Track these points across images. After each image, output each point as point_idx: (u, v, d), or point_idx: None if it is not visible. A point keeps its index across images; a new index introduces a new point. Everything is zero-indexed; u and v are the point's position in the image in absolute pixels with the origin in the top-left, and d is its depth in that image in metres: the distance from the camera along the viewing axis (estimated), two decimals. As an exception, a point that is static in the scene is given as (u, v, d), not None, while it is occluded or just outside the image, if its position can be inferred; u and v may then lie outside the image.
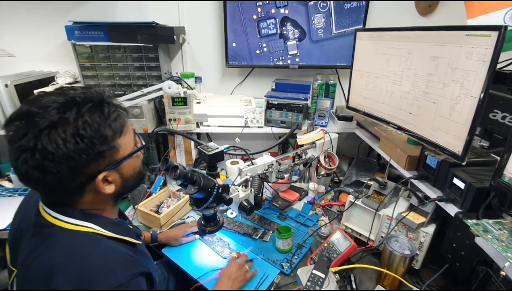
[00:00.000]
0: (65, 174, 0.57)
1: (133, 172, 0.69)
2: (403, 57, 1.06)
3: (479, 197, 0.86)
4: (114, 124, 0.61)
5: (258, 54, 1.67)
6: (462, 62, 0.83)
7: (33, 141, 0.53)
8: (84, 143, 0.56)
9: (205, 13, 1.65)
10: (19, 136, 0.54)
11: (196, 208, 0.96)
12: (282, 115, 1.61)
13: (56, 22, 1.53)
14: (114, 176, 0.64)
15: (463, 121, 0.85)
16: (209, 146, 0.99)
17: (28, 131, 0.54)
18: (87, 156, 0.57)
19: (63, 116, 0.55)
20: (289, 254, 1.15)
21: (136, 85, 1.52)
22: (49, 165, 0.54)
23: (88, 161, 0.58)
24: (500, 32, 0.73)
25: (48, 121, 0.54)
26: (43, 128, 0.54)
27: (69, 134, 0.55)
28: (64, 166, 0.56)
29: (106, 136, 0.60)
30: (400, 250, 0.99)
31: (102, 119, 0.59)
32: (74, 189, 0.61)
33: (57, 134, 0.54)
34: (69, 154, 0.55)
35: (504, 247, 0.70)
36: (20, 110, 0.57)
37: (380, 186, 1.17)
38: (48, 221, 0.62)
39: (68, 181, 0.58)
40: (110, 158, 0.62)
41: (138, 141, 0.72)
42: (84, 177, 0.60)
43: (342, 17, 1.61)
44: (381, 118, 1.25)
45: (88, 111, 0.58)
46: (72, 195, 0.62)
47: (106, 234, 0.64)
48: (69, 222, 0.61)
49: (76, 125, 0.56)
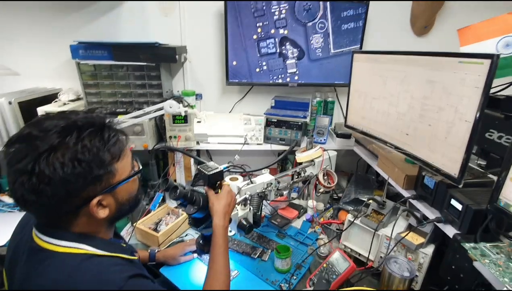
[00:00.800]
0: (61, 197, 0.57)
1: (128, 197, 0.69)
2: (399, 79, 1.09)
3: (477, 219, 0.87)
4: (113, 148, 0.62)
5: (258, 72, 1.71)
6: (456, 88, 0.86)
7: (31, 164, 0.54)
8: (81, 167, 0.56)
9: (207, 32, 1.70)
10: (18, 159, 0.54)
11: (195, 228, 0.97)
12: (281, 133, 1.63)
13: (60, 41, 1.57)
14: (109, 200, 0.64)
15: (459, 145, 0.86)
16: (209, 165, 1.00)
17: (28, 154, 0.54)
18: (84, 179, 0.58)
19: (63, 141, 0.56)
20: (288, 274, 1.14)
21: (138, 103, 1.55)
22: (45, 188, 0.55)
23: (84, 185, 0.58)
24: (493, 60, 0.75)
25: (48, 145, 0.55)
26: (42, 151, 0.54)
27: (68, 158, 0.55)
28: (60, 190, 0.56)
29: (104, 161, 0.60)
30: (400, 271, 0.99)
31: (102, 144, 0.60)
32: (68, 212, 0.61)
33: (55, 158, 0.54)
34: (66, 178, 0.55)
35: (501, 272, 0.71)
36: (21, 133, 0.58)
37: (379, 205, 1.18)
38: (41, 246, 0.61)
39: (62, 204, 0.58)
40: (106, 182, 0.62)
41: (136, 165, 0.72)
42: (79, 200, 0.60)
43: (339, 37, 1.66)
44: (378, 137, 1.27)
45: (89, 136, 0.59)
46: (66, 218, 0.62)
47: (100, 253, 0.63)
48: (60, 244, 0.61)
49: (76, 149, 0.56)
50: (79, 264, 0.59)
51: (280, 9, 1.58)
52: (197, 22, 1.67)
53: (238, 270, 1.16)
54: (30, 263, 0.62)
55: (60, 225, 0.63)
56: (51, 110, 1.45)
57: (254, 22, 1.60)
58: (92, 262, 0.61)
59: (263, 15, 1.59)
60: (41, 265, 0.60)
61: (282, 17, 1.60)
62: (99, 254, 0.63)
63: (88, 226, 0.65)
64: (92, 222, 0.65)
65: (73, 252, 0.61)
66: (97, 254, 0.63)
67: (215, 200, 0.92)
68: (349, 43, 1.67)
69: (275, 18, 1.60)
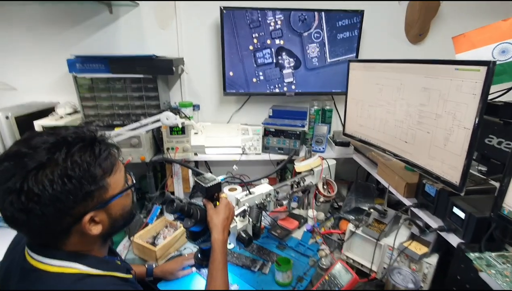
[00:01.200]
0: (51, 216, 0.55)
1: (122, 212, 0.67)
2: (395, 87, 1.09)
3: (481, 227, 0.85)
4: (104, 163, 0.60)
5: (255, 83, 1.72)
6: (453, 95, 0.85)
7: (19, 183, 0.52)
8: (71, 184, 0.55)
9: (204, 44, 1.71)
10: (7, 178, 0.53)
11: (193, 242, 0.95)
12: (280, 142, 1.62)
13: (58, 55, 1.58)
14: (101, 216, 0.62)
15: (458, 152, 0.85)
16: (207, 177, 0.98)
17: (16, 173, 0.53)
18: (74, 197, 0.56)
19: (52, 157, 0.54)
20: (289, 288, 1.11)
21: (135, 115, 1.54)
22: (34, 207, 0.53)
23: (75, 202, 0.57)
24: (489, 67, 0.75)
25: (36, 162, 0.53)
26: (31, 169, 0.53)
27: (57, 175, 0.53)
28: (50, 208, 0.54)
29: (96, 176, 0.59)
30: (404, 283, 0.96)
31: (92, 159, 0.58)
32: (60, 230, 0.59)
33: (44, 176, 0.53)
34: (55, 195, 0.54)
35: (509, 283, 0.68)
36: (10, 151, 0.56)
37: (380, 214, 1.16)
38: (33, 265, 0.60)
39: (53, 223, 0.57)
40: (98, 197, 0.60)
41: (129, 179, 0.70)
42: (71, 218, 0.58)
43: (335, 46, 1.67)
44: (377, 145, 1.26)
45: (79, 151, 0.57)
46: (57, 237, 0.60)
47: (93, 272, 0.61)
48: (53, 264, 0.59)
49: (65, 166, 0.55)
50: (71, 286, 0.57)
51: (276, 20, 1.60)
52: (194, 34, 1.69)
53: (237, 284, 1.13)
54: (23, 284, 0.60)
55: (52, 244, 0.61)
56: (48, 124, 1.44)
57: (250, 33, 1.61)
58: (85, 283, 0.59)
59: (259, 26, 1.60)
60: (33, 285, 0.58)
61: (277, 28, 1.62)
62: (92, 273, 0.61)
63: (81, 244, 0.63)
64: (85, 240, 0.63)
65: (65, 271, 0.59)
66: (91, 273, 0.61)
67: (213, 214, 0.90)
68: (345, 52, 1.68)
69: (270, 28, 1.62)
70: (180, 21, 1.65)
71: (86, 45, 1.64)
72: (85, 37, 1.63)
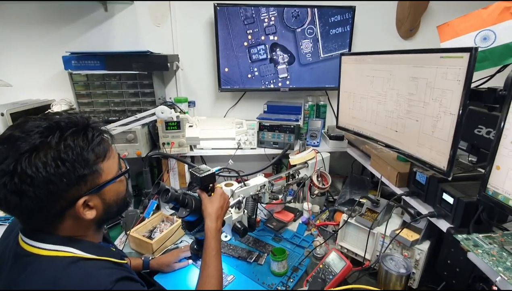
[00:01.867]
0: (44, 198, 0.56)
1: (116, 198, 0.68)
2: (385, 78, 1.11)
3: (469, 211, 0.87)
4: (97, 148, 0.61)
5: (250, 78, 1.74)
6: (439, 82, 0.88)
7: (13, 165, 0.53)
8: (65, 167, 0.56)
9: (198, 41, 1.73)
10: (0, 160, 0.53)
11: (189, 232, 0.96)
12: (275, 137, 1.64)
13: (53, 52, 1.59)
14: (95, 201, 0.63)
15: (445, 138, 0.88)
16: (201, 168, 1.00)
17: (9, 155, 0.53)
18: (67, 180, 0.57)
19: (45, 140, 0.55)
20: (285, 277, 1.13)
21: (131, 111, 1.56)
22: (27, 189, 0.54)
23: (68, 185, 0.57)
24: (471, 53, 0.78)
25: (30, 145, 0.54)
26: (24, 152, 0.53)
27: (50, 157, 0.54)
28: (43, 190, 0.55)
29: (88, 160, 0.59)
30: (396, 268, 0.98)
31: (85, 143, 0.59)
32: (53, 214, 0.59)
33: (37, 158, 0.54)
34: (49, 178, 0.54)
35: (495, 261, 0.70)
36: (3, 135, 0.57)
37: (373, 204, 1.18)
38: (26, 250, 0.60)
39: (47, 206, 0.57)
40: (91, 182, 0.61)
41: (123, 166, 0.71)
42: (64, 202, 0.59)
43: (328, 42, 1.70)
44: (369, 136, 1.28)
45: (72, 135, 0.58)
46: (51, 221, 0.61)
47: (87, 256, 0.61)
48: (46, 248, 0.59)
49: (58, 149, 0.55)
50: (65, 268, 0.58)
51: (269, 16, 1.62)
52: (189, 31, 1.71)
53: (234, 275, 1.14)
54: (15, 269, 0.60)
55: (46, 229, 0.62)
56: (43, 121, 1.45)
57: (244, 29, 1.64)
58: (78, 266, 0.59)
59: (253, 22, 1.63)
60: (26, 270, 0.58)
61: (271, 24, 1.64)
62: (86, 257, 0.61)
63: (75, 229, 0.64)
64: (79, 225, 0.64)
65: (59, 255, 0.59)
66: (85, 257, 0.61)
67: (208, 203, 0.91)
68: (338, 48, 1.71)
69: (264, 25, 1.64)
70: (174, 18, 1.67)
71: (82, 43, 1.65)
72: (80, 34, 1.65)
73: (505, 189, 0.71)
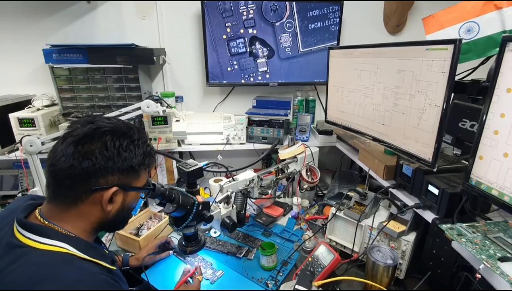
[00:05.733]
0: (97, 168, 0.63)
1: (130, 205, 0.74)
2: (372, 72, 1.12)
3: (453, 202, 0.89)
4: (149, 158, 0.74)
5: (229, 72, 1.72)
6: (424, 74, 0.89)
7: (96, 131, 0.65)
8: (127, 153, 0.67)
9: (185, 34, 1.70)
10: (82, 123, 0.66)
11: (176, 228, 0.94)
12: (264, 132, 1.63)
13: (33, 46, 1.53)
14: (119, 197, 0.69)
15: (431, 129, 0.89)
16: (188, 163, 0.98)
17: (92, 124, 0.67)
18: (121, 164, 0.66)
19: (130, 131, 0.70)
20: (274, 272, 1.13)
21: (116, 106, 1.52)
22: (94, 154, 0.63)
23: (118, 170, 0.66)
24: (456, 45, 0.78)
25: (112, 127, 0.67)
26: (106, 131, 0.66)
27: (122, 142, 0.66)
28: (101, 162, 0.63)
29: (140, 162, 0.70)
30: (383, 259, 0.99)
31: (147, 151, 0.73)
32: (87, 189, 0.65)
33: (115, 139, 0.66)
34: (112, 154, 0.65)
35: (478, 250, 0.72)
36: (86, 118, 0.69)
37: (361, 197, 1.19)
38: (22, 242, 0.61)
39: (92, 176, 0.64)
40: (129, 179, 0.70)
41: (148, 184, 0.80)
42: (104, 181, 0.65)
43: (307, 37, 1.70)
44: (357, 130, 1.29)
45: (143, 138, 0.73)
46: (79, 196, 0.65)
47: (80, 255, 0.63)
48: (43, 242, 0.61)
49: (132, 140, 0.69)
50: (59, 265, 0.59)
51: (248, 9, 1.60)
52: (175, 24, 1.68)
53: (223, 270, 1.13)
54: (8, 258, 0.60)
55: (68, 202, 0.65)
56: (24, 116, 1.40)
57: (223, 22, 1.61)
58: (73, 266, 0.60)
59: (231, 15, 1.61)
60: (20, 259, 0.59)
61: (250, 17, 1.62)
62: (80, 256, 0.63)
63: (83, 217, 0.67)
64: (90, 215, 0.68)
65: (54, 250, 0.61)
66: (78, 256, 0.63)
67: None
68: (317, 42, 1.72)
69: (243, 18, 1.62)
70: (160, 11, 1.64)
71: (63, 36, 1.60)
72: (61, 27, 1.59)
73: (488, 178, 0.73)
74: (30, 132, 1.39)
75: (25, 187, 1.54)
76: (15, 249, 0.60)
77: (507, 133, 0.67)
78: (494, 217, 0.90)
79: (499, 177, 0.70)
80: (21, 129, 1.40)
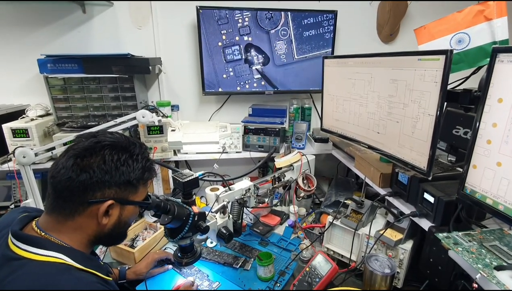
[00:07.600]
0: (94, 181, 0.63)
1: (127, 220, 0.73)
2: (366, 81, 1.13)
3: (449, 210, 0.89)
4: (147, 174, 0.74)
5: (225, 79, 1.73)
6: (417, 84, 0.90)
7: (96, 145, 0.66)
8: (124, 167, 0.67)
9: (181, 44, 1.71)
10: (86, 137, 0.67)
11: (171, 239, 0.93)
12: (260, 140, 1.63)
13: (28, 55, 1.52)
14: (115, 211, 0.69)
15: (425, 138, 0.90)
16: (184, 173, 0.97)
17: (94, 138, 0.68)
18: (118, 178, 0.66)
19: (130, 146, 0.70)
20: (272, 282, 1.11)
21: (111, 116, 1.51)
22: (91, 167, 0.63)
23: (115, 183, 0.66)
24: (447, 55, 0.80)
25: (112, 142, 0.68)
26: (106, 145, 0.66)
27: (120, 156, 0.67)
28: (98, 175, 0.64)
29: (138, 176, 0.70)
30: (380, 269, 0.98)
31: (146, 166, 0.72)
32: (84, 201, 0.65)
33: (114, 153, 0.66)
34: (110, 168, 0.65)
35: (475, 259, 0.72)
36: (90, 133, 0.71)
37: (357, 205, 1.19)
38: (18, 254, 0.61)
39: (88, 189, 0.64)
40: (127, 193, 0.69)
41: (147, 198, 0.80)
42: (100, 194, 0.65)
43: (302, 44, 1.72)
44: (352, 138, 1.30)
45: (143, 154, 0.72)
46: (76, 208, 0.65)
47: (77, 266, 0.63)
48: (39, 253, 0.61)
49: (131, 154, 0.69)
50: (58, 274, 0.59)
51: (243, 17, 1.62)
52: (171, 34, 1.69)
53: (219, 282, 1.12)
54: (5, 270, 0.59)
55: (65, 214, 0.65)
56: (17, 127, 1.39)
57: (219, 29, 1.63)
58: (71, 275, 0.60)
59: (226, 22, 1.62)
60: (16, 272, 0.58)
61: (245, 25, 1.64)
62: (76, 266, 0.63)
63: (79, 230, 0.67)
64: (87, 227, 0.68)
65: (50, 260, 0.61)
66: (75, 266, 0.62)
67: None
68: (312, 49, 1.74)
69: (238, 25, 1.64)
70: (156, 21, 1.65)
71: (59, 45, 1.60)
72: (57, 37, 1.59)
73: (482, 187, 0.73)
74: (24, 143, 1.37)
75: (18, 198, 1.51)
76: (11, 261, 0.60)
77: (500, 142, 0.68)
78: (490, 224, 0.91)
79: (493, 185, 0.70)
80: (14, 140, 1.39)
